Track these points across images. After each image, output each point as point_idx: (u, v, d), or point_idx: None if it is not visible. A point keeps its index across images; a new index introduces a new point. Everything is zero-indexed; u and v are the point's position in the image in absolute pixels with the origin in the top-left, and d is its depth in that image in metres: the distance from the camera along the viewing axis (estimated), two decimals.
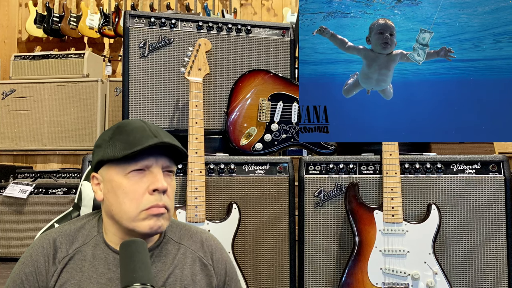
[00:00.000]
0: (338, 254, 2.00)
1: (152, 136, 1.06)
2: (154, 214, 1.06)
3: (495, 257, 1.92)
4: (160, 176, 1.07)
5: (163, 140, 1.06)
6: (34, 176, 3.32)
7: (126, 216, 1.07)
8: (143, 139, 1.05)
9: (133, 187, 1.06)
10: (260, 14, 5.10)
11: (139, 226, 1.06)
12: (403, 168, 1.99)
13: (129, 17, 2.16)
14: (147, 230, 1.06)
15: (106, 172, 1.10)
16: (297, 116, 2.16)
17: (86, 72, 3.97)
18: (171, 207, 1.11)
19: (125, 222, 1.08)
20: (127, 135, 1.08)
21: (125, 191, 1.07)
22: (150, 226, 1.06)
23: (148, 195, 1.06)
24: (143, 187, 1.06)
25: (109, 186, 1.09)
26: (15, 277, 1.09)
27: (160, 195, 1.07)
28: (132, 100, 2.13)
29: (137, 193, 1.06)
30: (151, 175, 1.07)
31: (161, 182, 1.06)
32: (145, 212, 1.06)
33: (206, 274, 1.18)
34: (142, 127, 1.09)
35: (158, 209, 1.07)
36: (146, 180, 1.07)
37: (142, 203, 1.06)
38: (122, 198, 1.07)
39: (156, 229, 1.07)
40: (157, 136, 1.06)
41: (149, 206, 1.06)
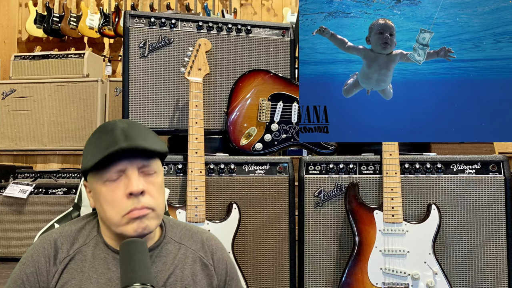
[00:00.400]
0: (338, 254, 2.00)
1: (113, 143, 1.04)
2: (135, 218, 1.05)
3: (495, 257, 1.92)
4: (135, 179, 1.06)
5: (120, 146, 1.03)
6: (34, 176, 3.32)
7: (111, 223, 1.07)
8: (106, 147, 1.04)
9: (111, 193, 1.06)
10: (260, 14, 5.10)
11: (124, 230, 1.06)
12: (403, 168, 1.99)
13: (129, 17, 2.16)
14: (133, 233, 1.06)
15: (90, 181, 1.11)
16: (297, 116, 2.16)
17: (86, 72, 3.97)
18: (157, 205, 1.09)
19: (113, 227, 1.08)
20: (96, 143, 1.08)
21: (105, 198, 1.07)
22: (134, 229, 1.06)
23: (125, 199, 1.05)
24: (121, 192, 1.06)
25: (94, 194, 1.11)
26: (16, 278, 1.09)
27: (138, 198, 1.06)
28: (132, 100, 2.13)
29: (116, 199, 1.06)
30: (126, 178, 1.06)
31: (135, 185, 1.05)
32: (126, 217, 1.05)
33: (206, 274, 1.18)
34: (111, 132, 1.08)
35: (138, 211, 1.05)
36: (123, 184, 1.06)
37: (122, 208, 1.05)
38: (105, 206, 1.07)
39: (142, 231, 1.07)
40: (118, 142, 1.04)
41: (128, 211, 1.05)
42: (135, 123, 1.14)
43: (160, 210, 1.11)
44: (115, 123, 1.10)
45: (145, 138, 1.09)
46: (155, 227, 1.10)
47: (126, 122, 1.12)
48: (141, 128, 1.13)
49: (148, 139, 1.09)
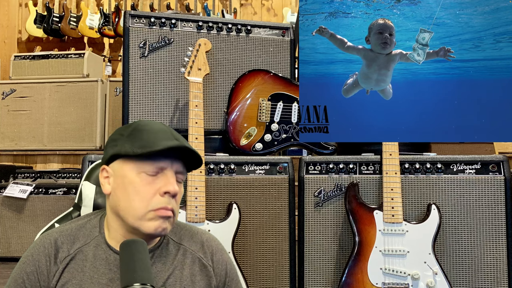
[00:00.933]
0: (338, 254, 2.00)
1: (173, 139, 1.08)
2: (162, 216, 1.07)
3: (495, 257, 1.92)
4: (173, 180, 1.09)
5: (184, 145, 1.07)
6: (34, 176, 3.32)
7: (133, 213, 1.07)
8: (164, 140, 1.06)
9: (145, 186, 1.07)
10: (260, 14, 5.11)
11: (144, 225, 1.07)
12: (403, 168, 1.99)
13: (129, 17, 2.16)
14: (152, 231, 1.07)
15: (120, 167, 1.10)
16: (297, 116, 2.16)
17: (86, 72, 3.97)
18: (177, 212, 1.13)
19: (131, 219, 1.08)
20: (147, 134, 1.09)
21: (136, 188, 1.07)
22: (155, 227, 1.07)
23: (158, 196, 1.07)
24: (155, 188, 1.07)
25: (120, 181, 1.10)
26: (16, 277, 1.09)
27: (170, 198, 1.08)
28: (132, 100, 2.13)
29: (148, 193, 1.07)
30: (164, 177, 1.08)
31: (173, 186, 1.08)
32: (153, 213, 1.07)
33: (205, 275, 1.18)
34: (163, 129, 1.11)
35: (166, 211, 1.07)
36: (159, 181, 1.08)
37: (152, 203, 1.07)
38: (133, 195, 1.07)
39: (161, 231, 1.08)
40: (178, 140, 1.08)
41: (158, 207, 1.07)
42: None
43: (176, 218, 1.14)
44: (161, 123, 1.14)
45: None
46: (168, 231, 1.12)
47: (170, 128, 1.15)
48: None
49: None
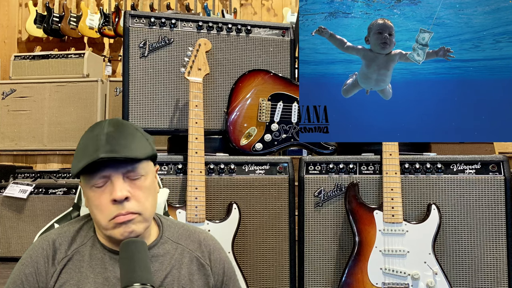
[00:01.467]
0: (338, 254, 2.00)
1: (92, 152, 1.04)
2: (120, 222, 1.06)
3: (495, 257, 1.92)
4: (118, 185, 1.06)
5: (98, 157, 1.03)
6: (34, 176, 3.32)
7: (100, 226, 1.09)
8: (86, 155, 1.04)
9: (98, 199, 1.07)
10: (260, 14, 5.10)
11: (112, 234, 1.08)
12: (403, 168, 1.99)
13: (129, 17, 2.15)
14: (120, 237, 1.07)
15: (81, 184, 1.13)
16: (297, 116, 2.16)
17: (86, 72, 3.97)
18: (144, 209, 1.09)
19: (102, 231, 1.10)
20: (81, 149, 1.08)
21: (93, 203, 1.08)
22: (120, 233, 1.07)
23: (111, 205, 1.06)
24: (106, 198, 1.07)
25: (84, 197, 1.13)
26: (15, 278, 1.10)
27: (122, 204, 1.06)
28: (132, 100, 2.13)
29: (103, 205, 1.07)
30: (111, 185, 1.07)
31: (119, 192, 1.05)
32: (112, 222, 1.07)
33: (203, 274, 1.18)
34: (97, 136, 1.07)
35: (123, 217, 1.06)
36: (108, 190, 1.07)
37: (108, 213, 1.07)
38: (94, 210, 1.09)
39: (128, 235, 1.07)
40: (98, 149, 1.04)
41: (113, 216, 1.06)
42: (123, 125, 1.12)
43: (148, 213, 1.11)
44: (102, 126, 1.09)
45: (129, 144, 1.08)
46: (143, 230, 1.10)
47: (114, 125, 1.10)
48: (128, 131, 1.11)
49: (132, 144, 1.08)
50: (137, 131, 1.13)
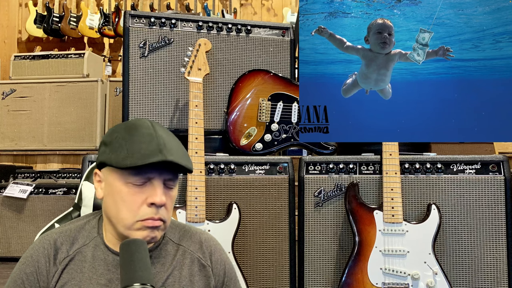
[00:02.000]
0: (338, 254, 2.00)
1: (157, 151, 1.03)
2: (149, 226, 1.06)
3: (495, 257, 1.92)
4: (160, 190, 1.06)
5: (167, 159, 1.03)
6: (34, 176, 3.32)
7: (122, 223, 1.07)
8: (148, 153, 1.03)
9: (132, 197, 1.06)
10: (260, 14, 5.10)
11: (132, 234, 1.07)
12: (403, 168, 1.99)
13: (129, 17, 2.15)
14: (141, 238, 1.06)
15: (108, 174, 1.09)
16: (297, 116, 2.16)
17: (86, 72, 3.97)
18: (168, 219, 1.10)
19: (120, 228, 1.08)
20: (132, 143, 1.05)
21: (123, 198, 1.06)
22: (143, 236, 1.06)
23: (145, 206, 1.06)
24: (142, 198, 1.06)
25: (109, 188, 1.09)
26: (15, 277, 1.09)
27: (157, 209, 1.06)
28: (132, 100, 2.13)
29: (135, 203, 1.06)
30: (151, 187, 1.06)
31: (159, 197, 1.05)
32: (140, 223, 1.06)
33: (204, 275, 1.18)
34: (150, 136, 1.06)
35: (153, 222, 1.06)
36: (146, 191, 1.06)
37: (139, 213, 1.06)
38: (120, 205, 1.06)
39: (149, 240, 1.07)
40: (162, 151, 1.03)
41: (145, 218, 1.06)
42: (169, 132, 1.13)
43: (168, 223, 1.12)
44: (153, 127, 1.09)
45: (183, 154, 1.09)
46: (160, 238, 1.12)
47: (162, 128, 1.11)
48: (176, 140, 1.12)
49: (184, 154, 1.10)
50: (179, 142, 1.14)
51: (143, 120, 1.11)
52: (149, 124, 1.10)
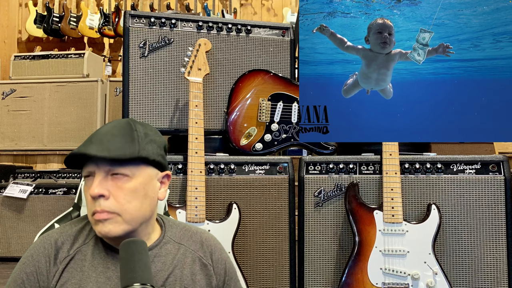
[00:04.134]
0: (338, 254, 2.00)
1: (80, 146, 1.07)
2: (97, 220, 1.06)
3: (495, 257, 1.92)
4: (97, 182, 1.05)
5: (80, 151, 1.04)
6: (34, 176, 3.32)
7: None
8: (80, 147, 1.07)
9: (86, 193, 1.10)
10: (260, 14, 5.10)
11: (96, 230, 1.09)
12: (403, 168, 1.99)
13: (129, 17, 2.16)
14: (100, 234, 1.08)
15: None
16: (297, 116, 2.16)
17: (86, 72, 3.97)
18: (123, 210, 1.06)
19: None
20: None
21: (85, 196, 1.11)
22: (98, 231, 1.07)
23: (91, 200, 1.07)
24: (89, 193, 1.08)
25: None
26: (16, 277, 1.10)
27: (99, 201, 1.05)
28: (132, 100, 2.13)
29: (88, 199, 1.09)
30: (92, 181, 1.07)
31: (95, 188, 1.05)
32: (92, 217, 1.08)
33: (205, 274, 1.18)
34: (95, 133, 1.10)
35: (98, 214, 1.06)
36: (90, 185, 1.07)
37: (89, 208, 1.09)
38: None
39: (105, 234, 1.06)
40: (84, 145, 1.06)
41: (92, 212, 1.07)
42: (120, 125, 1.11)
43: (130, 216, 1.07)
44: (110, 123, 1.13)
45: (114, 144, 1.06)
46: (122, 232, 1.07)
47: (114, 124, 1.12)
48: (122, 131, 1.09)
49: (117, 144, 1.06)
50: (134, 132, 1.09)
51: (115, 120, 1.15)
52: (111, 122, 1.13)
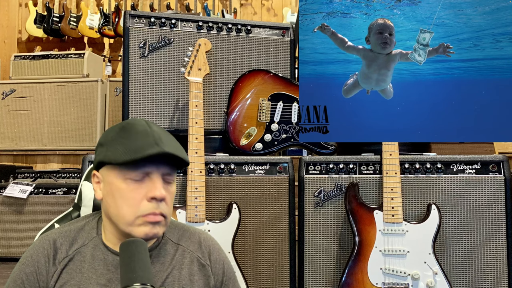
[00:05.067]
0: (338, 254, 2.00)
1: (153, 144, 1.04)
2: (150, 222, 1.06)
3: (495, 257, 1.92)
4: (159, 184, 1.07)
5: (164, 150, 1.04)
6: (34, 176, 3.32)
7: (123, 220, 1.07)
8: (145, 147, 1.04)
9: (132, 193, 1.06)
10: (260, 14, 5.10)
11: (134, 231, 1.07)
12: (403, 168, 1.99)
13: (129, 17, 2.16)
14: (143, 236, 1.07)
15: (107, 173, 1.10)
16: (297, 116, 2.16)
17: (86, 72, 3.97)
18: (169, 214, 1.11)
19: (122, 225, 1.08)
20: (129, 140, 1.06)
21: (123, 195, 1.06)
22: (145, 232, 1.06)
23: (146, 201, 1.06)
24: (141, 193, 1.06)
25: (108, 188, 1.09)
26: (15, 277, 1.09)
27: (158, 203, 1.07)
28: (132, 100, 2.13)
29: (135, 199, 1.06)
30: (150, 182, 1.07)
31: (159, 191, 1.06)
32: (142, 218, 1.06)
33: (204, 275, 1.18)
34: (145, 132, 1.07)
35: (154, 217, 1.06)
36: (145, 186, 1.06)
37: (140, 209, 1.06)
38: (120, 202, 1.07)
39: (151, 236, 1.08)
40: (159, 144, 1.05)
41: (146, 213, 1.06)
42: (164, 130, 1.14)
43: (169, 219, 1.12)
44: (146, 124, 1.10)
45: (178, 146, 1.11)
46: (162, 234, 1.11)
47: (157, 125, 1.12)
48: (171, 136, 1.13)
49: (179, 147, 1.11)
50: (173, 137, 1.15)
51: (137, 119, 1.13)
52: (144, 122, 1.11)
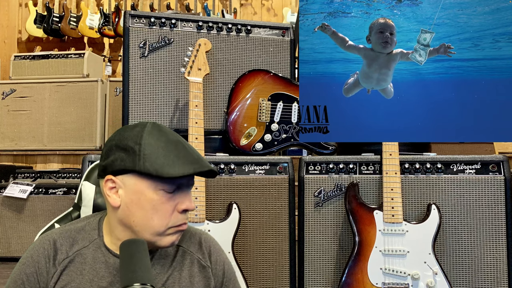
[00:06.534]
0: (338, 254, 2.00)
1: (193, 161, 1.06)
2: (179, 231, 1.11)
3: (495, 257, 1.92)
4: (190, 196, 1.10)
5: (210, 168, 1.07)
6: (34, 176, 3.32)
7: (151, 231, 1.07)
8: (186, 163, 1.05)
9: (164, 204, 1.06)
10: (260, 14, 5.10)
11: (162, 240, 1.09)
12: (403, 168, 1.99)
13: (129, 17, 2.16)
14: (169, 244, 1.10)
15: (133, 182, 1.05)
16: (297, 116, 2.16)
17: (86, 72, 3.97)
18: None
19: (148, 235, 1.07)
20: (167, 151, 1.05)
21: (155, 207, 1.06)
22: (173, 241, 1.10)
23: (177, 213, 1.08)
24: (172, 205, 1.08)
25: (134, 197, 1.06)
26: (16, 278, 1.09)
27: (187, 214, 1.11)
28: (132, 100, 2.13)
29: (168, 211, 1.07)
30: (181, 194, 1.09)
31: (191, 203, 1.10)
32: (172, 229, 1.09)
33: (204, 276, 1.18)
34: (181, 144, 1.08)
35: (183, 226, 1.11)
36: (176, 198, 1.08)
37: (172, 220, 1.08)
38: (151, 213, 1.06)
39: (173, 244, 1.11)
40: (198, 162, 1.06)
41: (179, 224, 1.09)
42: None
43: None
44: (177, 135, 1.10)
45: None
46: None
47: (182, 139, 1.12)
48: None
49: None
50: None
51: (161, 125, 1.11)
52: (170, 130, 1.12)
